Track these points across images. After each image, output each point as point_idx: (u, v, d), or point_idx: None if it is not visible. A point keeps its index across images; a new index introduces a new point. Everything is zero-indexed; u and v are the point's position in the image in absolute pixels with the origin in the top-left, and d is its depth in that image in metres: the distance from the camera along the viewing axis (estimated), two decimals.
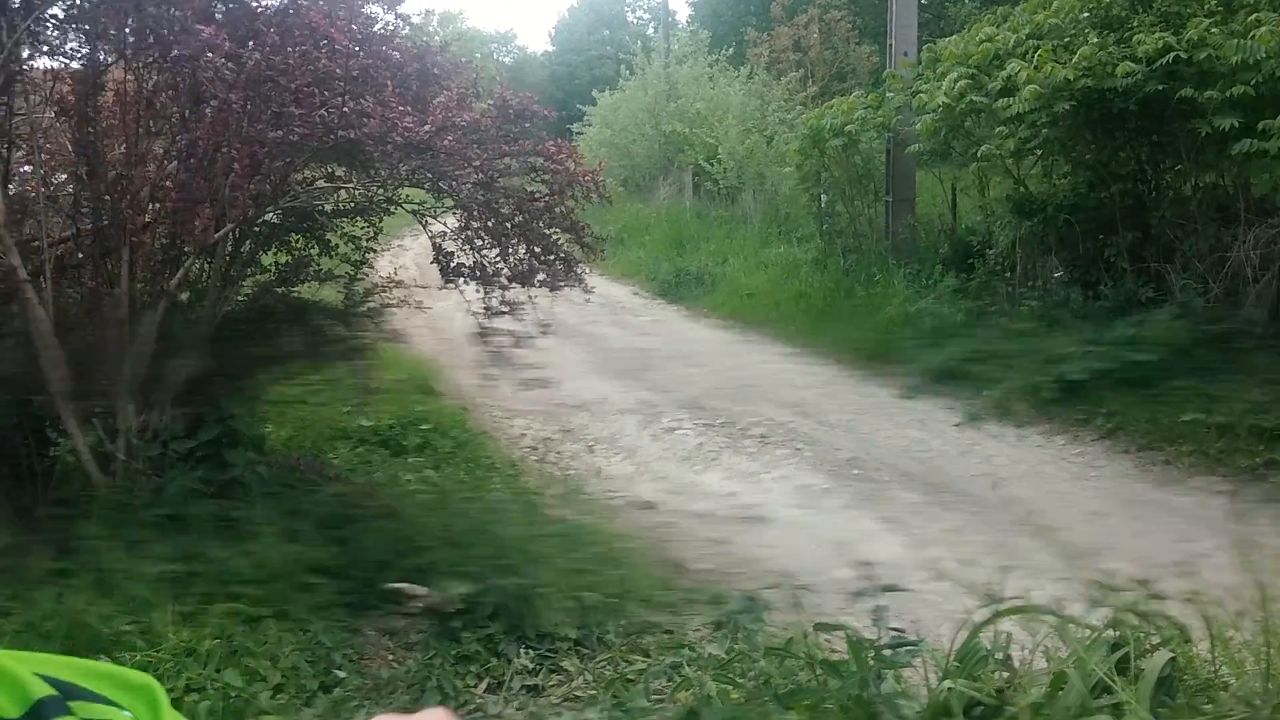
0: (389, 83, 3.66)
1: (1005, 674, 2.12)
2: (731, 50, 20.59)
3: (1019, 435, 7.22)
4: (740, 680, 2.29)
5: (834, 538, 5.73)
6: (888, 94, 10.24)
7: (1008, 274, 8.68)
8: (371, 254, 4.82)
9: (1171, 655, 1.97)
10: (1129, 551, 4.92)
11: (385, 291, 4.90)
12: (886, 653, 2.18)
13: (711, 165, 16.18)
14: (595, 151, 20.55)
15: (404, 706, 3.67)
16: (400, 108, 3.56)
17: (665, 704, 2.55)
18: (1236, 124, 6.47)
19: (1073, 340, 7.51)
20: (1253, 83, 6.35)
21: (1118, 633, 2.11)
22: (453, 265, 4.23)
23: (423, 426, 6.56)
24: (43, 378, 3.71)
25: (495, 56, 46.00)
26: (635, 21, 47.64)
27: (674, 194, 18.19)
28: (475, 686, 3.86)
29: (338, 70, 3.59)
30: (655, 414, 8.42)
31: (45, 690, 0.60)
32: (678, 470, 7.11)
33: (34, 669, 0.62)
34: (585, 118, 22.49)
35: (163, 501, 3.98)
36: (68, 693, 0.62)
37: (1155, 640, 2.07)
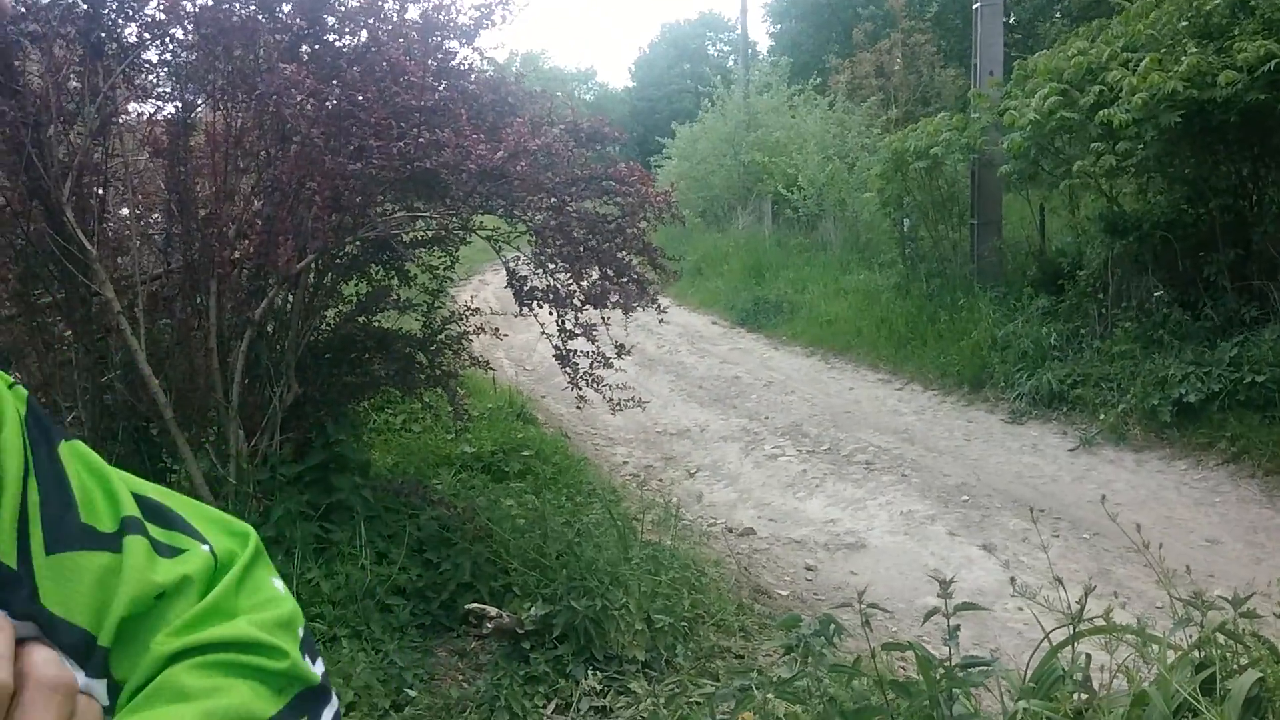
0: (464, 113, 3.72)
1: (1083, 695, 2.01)
2: (817, 79, 20.53)
3: (1137, 460, 7.01)
4: (806, 700, 2.22)
5: (931, 564, 5.61)
6: (973, 114, 10.07)
7: (1100, 295, 8.40)
8: (449, 282, 4.89)
9: (1260, 676, 1.85)
10: (1241, 579, 4.70)
11: (463, 320, 4.96)
12: (958, 673, 2.09)
13: (791, 193, 16.10)
14: (675, 183, 20.68)
15: None
16: (474, 136, 3.62)
17: None
18: None
19: (1178, 362, 7.24)
20: None
21: (1204, 653, 1.99)
22: (526, 289, 4.26)
23: (524, 453, 6.65)
24: (151, 406, 3.85)
25: (576, 94, 46.78)
26: (715, 54, 48.01)
27: (753, 223, 18.15)
28: (544, 707, 3.85)
29: (414, 103, 3.67)
30: (756, 440, 8.40)
31: (133, 510, 0.63)
32: (780, 497, 7.09)
33: (134, 489, 0.65)
34: (664, 150, 22.65)
35: (269, 524, 4.08)
36: (150, 514, 0.64)
37: (1244, 661, 1.94)
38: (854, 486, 7.15)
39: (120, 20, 3.85)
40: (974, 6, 11.03)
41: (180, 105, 3.94)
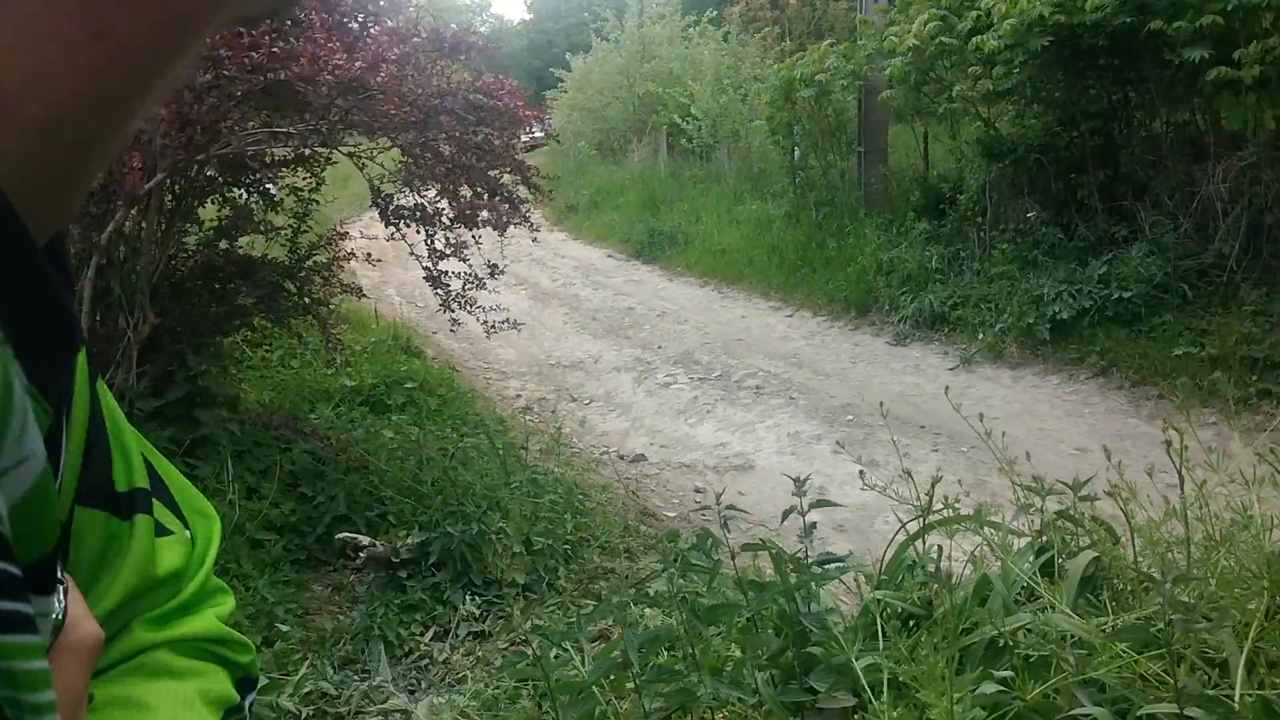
0: (317, 21, 3.53)
1: (934, 586, 2.06)
2: (714, 12, 20.34)
3: (1014, 377, 7.26)
4: (667, 604, 2.23)
5: (816, 482, 5.73)
6: (859, 41, 10.10)
7: (979, 219, 8.60)
8: (315, 205, 4.69)
9: (1096, 556, 1.92)
10: (1101, 482, 4.92)
11: (332, 244, 4.79)
12: (811, 569, 2.12)
13: (685, 123, 16.01)
14: (569, 116, 20.33)
15: (347, 656, 3.64)
16: (330, 45, 3.44)
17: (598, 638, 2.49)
18: (1207, 55, 6.36)
19: (1051, 281, 7.49)
20: (1222, 10, 6.24)
21: (1045, 538, 2.05)
22: (392, 208, 4.11)
23: (407, 385, 6.52)
24: None
25: (474, 25, 45.42)
26: None
27: (648, 156, 18.02)
28: (421, 635, 3.82)
29: None
30: (649, 370, 8.42)
31: (144, 480, 0.60)
32: (671, 424, 7.15)
33: (146, 453, 0.63)
34: (560, 83, 22.24)
35: None
36: (156, 489, 0.63)
37: (1083, 543, 2.01)
38: (743, 411, 7.25)
39: None
40: None
41: None
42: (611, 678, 2.30)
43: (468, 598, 4.02)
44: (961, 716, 1.51)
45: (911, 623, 2.04)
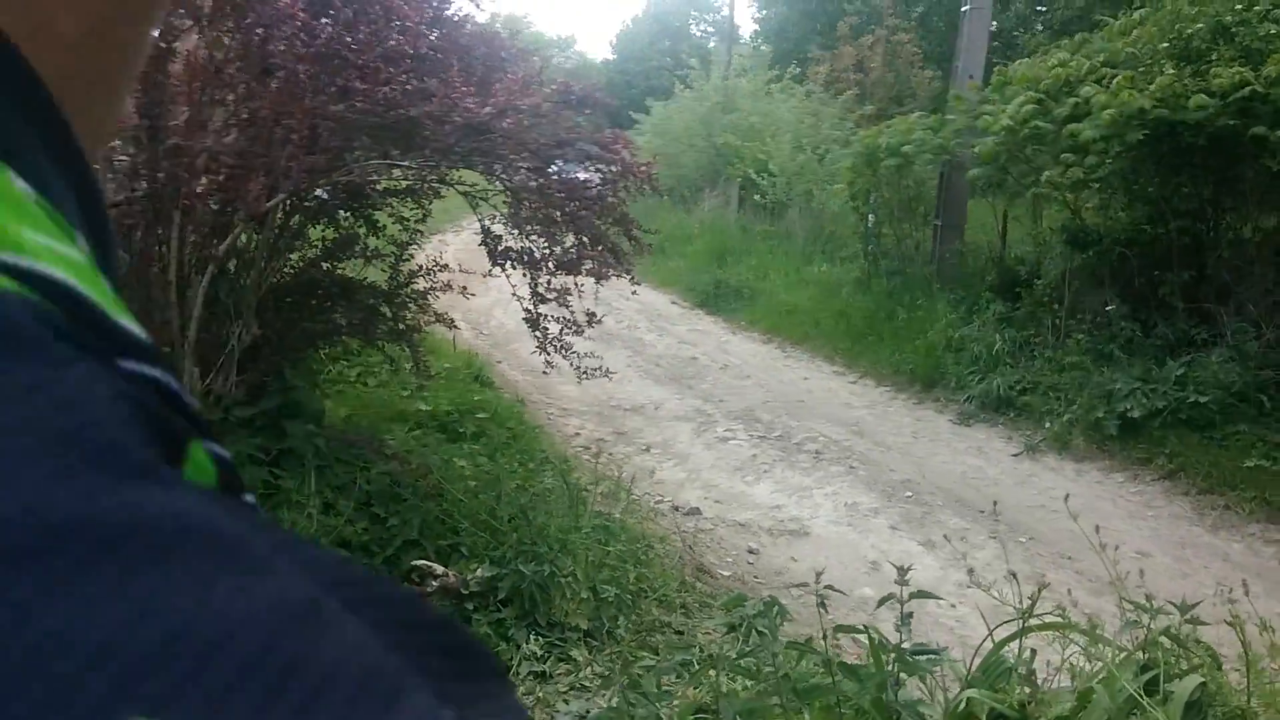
0: (455, 64, 3.67)
1: (1028, 689, 2.06)
2: (797, 69, 20.56)
3: (1077, 470, 7.16)
4: (756, 675, 2.25)
5: (871, 556, 5.70)
6: (949, 116, 10.15)
7: (1055, 305, 8.55)
8: (420, 235, 4.83)
9: (1202, 680, 1.91)
10: (1168, 592, 4.85)
11: (430, 275, 4.91)
12: (908, 659, 2.13)
13: (760, 178, 16.12)
14: (655, 156, 20.57)
15: None
16: (464, 88, 3.56)
17: (678, 697, 2.51)
18: None
19: (1125, 377, 7.41)
20: None
21: (1149, 655, 2.05)
22: (500, 249, 4.22)
23: (479, 415, 6.61)
24: None
25: (554, 61, 46.34)
26: (699, 34, 47.86)
27: (719, 206, 18.16)
28: None
29: (407, 48, 3.60)
30: (709, 422, 8.44)
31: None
32: (728, 479, 7.14)
33: None
34: (637, 125, 22.55)
35: None
36: None
37: (1186, 665, 2.00)
38: (801, 475, 7.23)
39: None
40: (962, 9, 11.10)
41: (163, 28, 3.82)
42: None
43: (531, 637, 4.06)
44: None
45: None
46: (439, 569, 4.10)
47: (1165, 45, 7.39)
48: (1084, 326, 8.16)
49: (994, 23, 15.72)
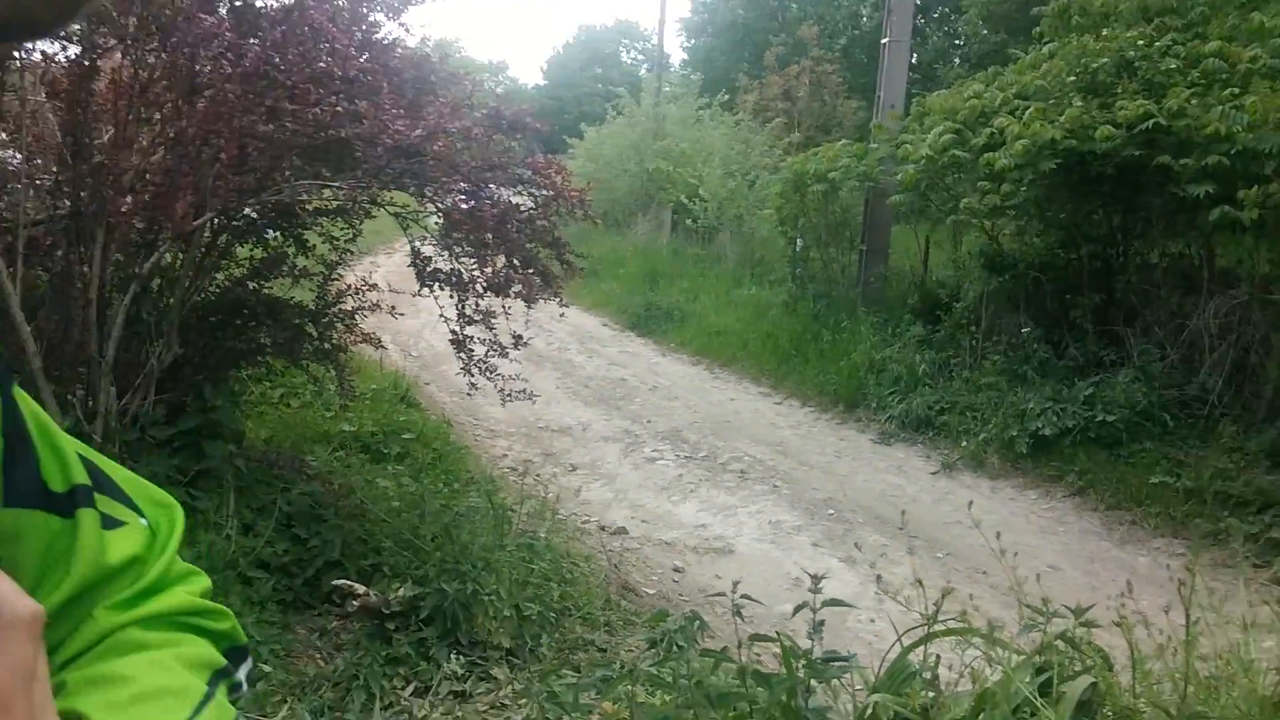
0: (385, 86, 3.71)
1: (931, 693, 2.16)
2: (726, 96, 20.92)
3: (992, 487, 7.38)
4: (672, 686, 2.32)
5: (794, 573, 5.81)
6: (872, 144, 10.44)
7: (973, 328, 8.83)
8: (349, 255, 4.83)
9: (1094, 681, 2.03)
10: (1076, 604, 5.04)
11: (359, 295, 4.91)
12: (818, 665, 2.22)
13: (692, 203, 16.35)
14: (590, 182, 20.70)
15: (329, 703, 3.68)
16: (394, 110, 3.61)
17: (594, 714, 2.57)
18: (1210, 191, 6.65)
19: (1038, 397, 7.68)
20: (1229, 153, 6.54)
21: (1044, 658, 2.16)
22: (429, 270, 4.25)
23: (404, 436, 6.59)
24: (18, 355, 3.69)
25: (486, 85, 46.26)
26: (629, 61, 48.31)
27: (652, 230, 18.34)
28: (403, 689, 3.86)
29: (336, 70, 3.64)
30: (636, 443, 8.51)
31: (83, 476, 0.61)
32: (655, 499, 7.21)
33: (80, 450, 0.63)
34: (570, 150, 22.68)
35: None
36: (98, 484, 0.63)
37: (1079, 667, 2.12)
38: (727, 494, 7.33)
39: None
40: (882, 42, 11.44)
41: (86, 47, 3.80)
42: None
43: (453, 656, 4.06)
44: None
45: None
46: (360, 589, 4.09)
47: (1073, 79, 7.73)
48: (1000, 348, 8.45)
49: (914, 55, 16.22)
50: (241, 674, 0.68)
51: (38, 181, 4.22)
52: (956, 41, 22.26)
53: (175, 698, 0.57)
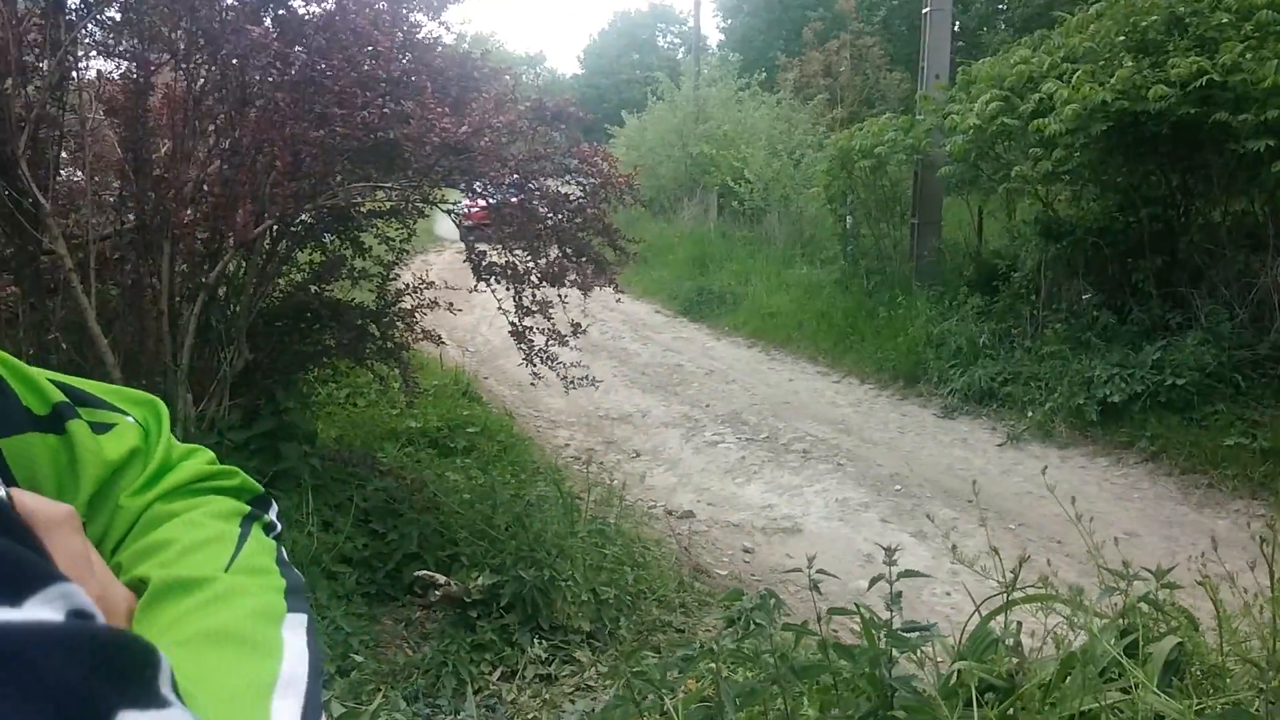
0: (429, 86, 3.75)
1: (1015, 659, 2.15)
2: (763, 75, 20.76)
3: (1061, 456, 7.27)
4: (755, 661, 2.33)
5: (865, 549, 5.80)
6: (918, 116, 10.29)
7: (1032, 297, 8.68)
8: (405, 255, 4.90)
9: (1180, 641, 2.00)
10: (1181, 571, 4.95)
11: (417, 293, 4.98)
12: (899, 635, 2.21)
13: (737, 186, 16.26)
14: (636, 167, 20.72)
15: (422, 690, 3.75)
16: (439, 109, 3.65)
17: (679, 691, 2.59)
18: (1271, 145, 6.46)
19: (1103, 363, 7.54)
20: None
21: (1128, 621, 2.14)
22: (485, 264, 4.30)
23: (469, 430, 6.69)
24: (98, 366, 3.81)
25: (525, 78, 46.42)
26: (665, 46, 48.12)
27: (698, 215, 18.29)
28: (490, 674, 3.92)
29: (381, 73, 3.69)
30: (697, 427, 8.53)
31: (60, 396, 0.66)
32: (719, 482, 7.23)
33: (50, 376, 0.68)
34: (611, 139, 22.69)
35: None
36: (77, 399, 0.68)
37: (1164, 628, 2.09)
38: (791, 474, 7.32)
39: None
40: (923, 11, 11.27)
41: (139, 64, 3.90)
42: None
43: (535, 641, 4.13)
44: None
45: (990, 691, 2.12)
46: (441, 579, 4.17)
47: (1122, 39, 7.53)
48: (1061, 316, 8.30)
49: (956, 23, 15.95)
50: (271, 514, 0.74)
51: (103, 197, 4.35)
52: (1000, 6, 21.83)
53: (217, 544, 0.64)
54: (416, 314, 4.89)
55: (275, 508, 0.76)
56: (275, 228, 4.27)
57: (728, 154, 17.21)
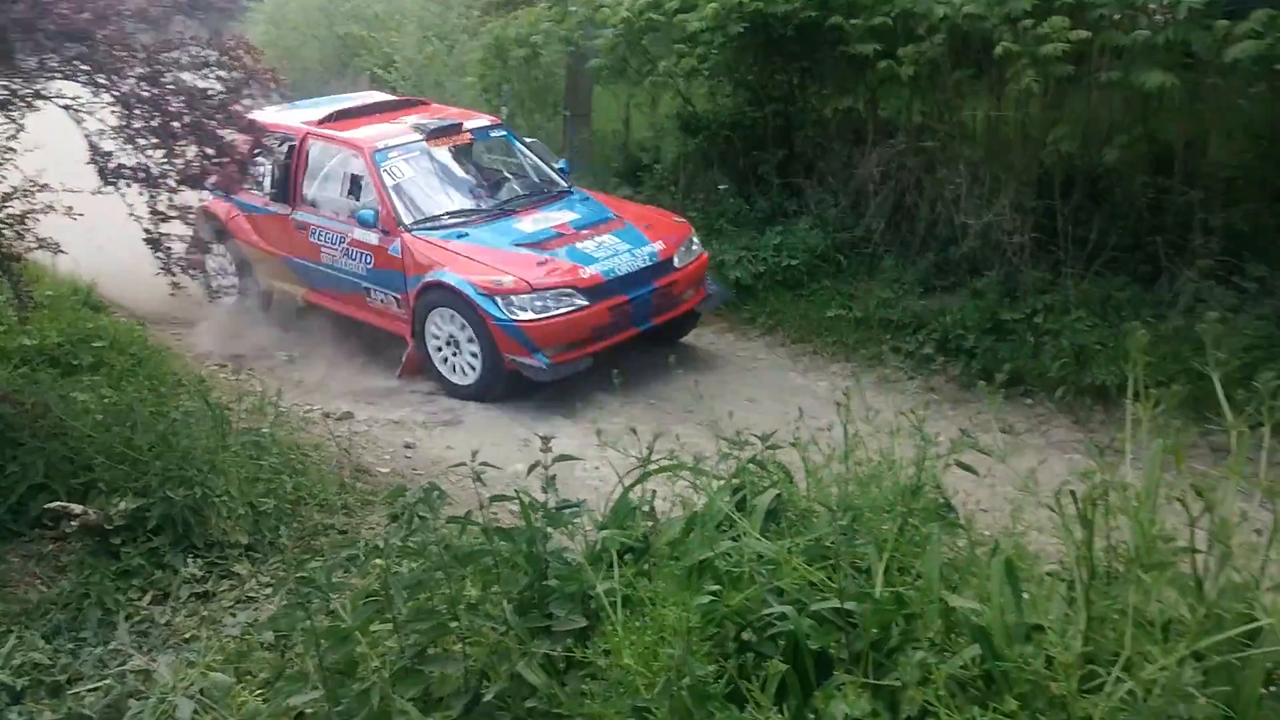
0: None
1: (650, 523, 2.52)
2: None
3: (696, 334, 7.95)
4: (421, 554, 2.53)
5: (523, 435, 6.09)
6: (571, 7, 10.42)
7: (673, 187, 9.33)
8: (12, 154, 4.38)
9: (778, 493, 2.45)
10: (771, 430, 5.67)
11: (28, 196, 4.49)
12: (553, 514, 2.50)
13: (389, 72, 15.65)
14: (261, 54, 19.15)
15: (63, 624, 3.61)
16: None
17: (345, 591, 2.73)
18: (877, 49, 7.36)
19: (733, 247, 8.32)
20: (891, 14, 7.27)
21: (739, 480, 2.56)
22: (112, 166, 3.97)
23: (95, 344, 6.11)
24: None
25: None
26: None
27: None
28: (140, 599, 3.86)
29: None
30: (352, 325, 8.30)
31: None
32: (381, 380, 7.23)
33: None
34: (250, 12, 20.80)
35: None
36: None
37: (767, 484, 2.54)
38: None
39: None
40: None
41: None
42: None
43: (189, 560, 4.06)
44: (685, 621, 1.94)
45: (630, 553, 2.47)
46: (76, 508, 3.97)
47: None
48: (699, 204, 9.00)
49: None
50: None
51: None
52: None
53: None
54: (27, 220, 4.40)
55: None
56: None
57: (379, 37, 16.45)
